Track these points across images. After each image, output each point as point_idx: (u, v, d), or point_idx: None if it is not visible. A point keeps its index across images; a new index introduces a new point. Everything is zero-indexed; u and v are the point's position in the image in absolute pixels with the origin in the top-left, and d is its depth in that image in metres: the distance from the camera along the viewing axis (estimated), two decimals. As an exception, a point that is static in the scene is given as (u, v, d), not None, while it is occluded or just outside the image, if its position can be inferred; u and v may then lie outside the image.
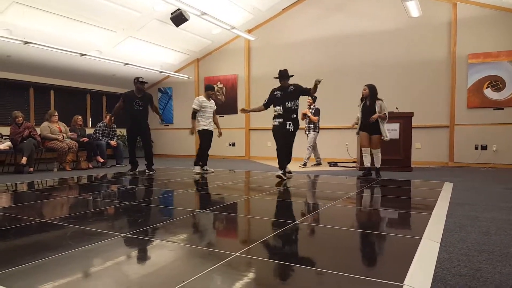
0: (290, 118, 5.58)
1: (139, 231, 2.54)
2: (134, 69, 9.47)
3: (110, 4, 7.04)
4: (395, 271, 1.82)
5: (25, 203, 3.86)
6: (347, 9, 8.86)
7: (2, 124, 7.65)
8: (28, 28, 6.83)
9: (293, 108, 5.62)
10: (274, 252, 2.18)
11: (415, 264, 1.88)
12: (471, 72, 7.71)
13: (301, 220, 2.93)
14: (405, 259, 1.97)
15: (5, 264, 1.90)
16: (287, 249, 2.29)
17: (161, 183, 5.24)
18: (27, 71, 8.54)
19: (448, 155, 7.99)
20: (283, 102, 5.61)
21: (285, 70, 5.79)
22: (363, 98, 5.86)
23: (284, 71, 5.79)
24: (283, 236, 2.50)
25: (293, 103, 5.62)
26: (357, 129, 6.00)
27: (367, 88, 5.77)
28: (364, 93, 5.79)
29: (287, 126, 5.56)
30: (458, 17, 7.80)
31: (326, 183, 5.42)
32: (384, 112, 5.65)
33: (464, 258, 1.98)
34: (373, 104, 5.71)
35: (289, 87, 5.70)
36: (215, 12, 7.86)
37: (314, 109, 7.74)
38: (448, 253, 2.06)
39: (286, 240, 2.45)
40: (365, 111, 5.77)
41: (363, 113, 5.80)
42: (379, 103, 5.68)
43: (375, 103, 5.68)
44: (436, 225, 2.70)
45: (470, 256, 2.02)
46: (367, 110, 5.74)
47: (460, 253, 2.07)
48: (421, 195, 4.43)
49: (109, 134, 8.33)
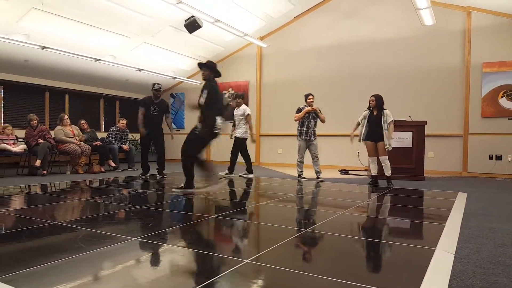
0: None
1: (150, 235, 2.55)
2: (147, 74, 9.57)
3: (125, 10, 7.14)
4: (408, 282, 1.79)
5: (38, 205, 3.91)
6: (359, 17, 8.85)
7: (18, 126, 7.78)
8: (45, 33, 6.97)
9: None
10: (284, 259, 2.16)
11: (429, 276, 1.85)
12: (485, 81, 7.61)
13: (312, 228, 2.91)
14: (419, 270, 1.93)
15: (19, 265, 1.92)
16: (298, 257, 2.28)
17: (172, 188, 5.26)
18: (43, 75, 8.69)
19: (461, 164, 7.87)
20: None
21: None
22: (369, 107, 5.92)
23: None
24: (294, 243, 2.48)
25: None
26: (359, 136, 5.98)
27: (375, 99, 5.83)
28: (372, 104, 5.84)
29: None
30: (473, 26, 7.72)
31: (338, 191, 5.38)
32: (390, 120, 5.70)
33: (480, 271, 1.94)
34: (380, 114, 5.79)
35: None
36: (228, 19, 7.92)
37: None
38: (462, 265, 2.02)
39: (297, 247, 2.43)
40: (372, 121, 5.84)
41: (370, 122, 5.87)
42: (386, 113, 5.77)
43: (382, 113, 5.77)
44: (450, 236, 2.66)
45: (485, 268, 1.98)
46: (374, 119, 5.82)
47: (475, 265, 2.03)
48: (434, 204, 4.36)
49: (121, 138, 8.41)
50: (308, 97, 6.46)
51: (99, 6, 6.81)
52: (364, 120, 5.94)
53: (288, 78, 9.79)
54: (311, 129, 6.40)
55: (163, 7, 7.23)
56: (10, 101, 8.44)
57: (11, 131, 6.94)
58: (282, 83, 9.90)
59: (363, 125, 5.93)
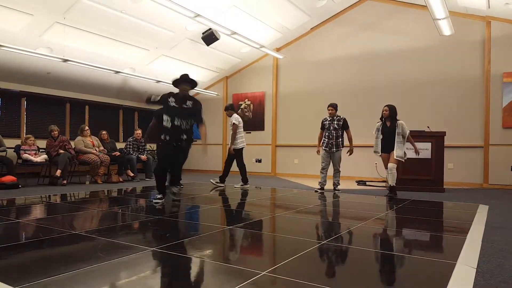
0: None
1: (167, 246, 2.57)
2: (165, 86, 9.71)
3: (145, 24, 7.32)
4: (428, 297, 1.75)
5: (58, 215, 3.99)
6: (376, 28, 8.82)
7: (40, 137, 7.98)
8: (67, 47, 7.18)
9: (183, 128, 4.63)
10: (301, 272, 2.14)
11: (450, 290, 1.80)
12: (506, 91, 7.45)
13: (330, 240, 2.88)
14: (440, 284, 1.89)
15: (40, 274, 1.96)
16: (315, 269, 2.25)
17: (188, 198, 5.29)
18: (65, 87, 8.93)
19: (482, 176, 7.69)
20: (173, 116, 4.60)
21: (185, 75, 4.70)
22: (382, 117, 5.84)
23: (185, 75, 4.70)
24: (311, 256, 2.46)
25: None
26: (374, 148, 5.92)
27: (388, 109, 5.74)
28: (385, 114, 5.76)
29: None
30: (492, 35, 7.60)
31: (355, 202, 5.32)
32: (408, 135, 5.64)
33: (504, 286, 1.88)
34: (393, 125, 5.72)
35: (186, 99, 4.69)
36: (244, 32, 8.02)
37: (343, 120, 6.39)
38: (485, 280, 1.97)
39: (314, 260, 2.40)
40: (386, 133, 5.78)
41: (384, 134, 5.80)
42: (400, 124, 5.67)
43: (396, 124, 5.68)
44: (472, 249, 2.59)
45: (509, 284, 1.92)
46: (388, 131, 5.76)
47: (499, 280, 1.97)
48: (454, 217, 4.26)
49: (139, 148, 8.53)
50: (327, 108, 6.43)
51: (119, 20, 7.00)
52: (377, 132, 5.87)
53: (304, 89, 9.79)
54: (332, 140, 6.34)
55: (182, 20, 7.38)
56: (32, 112, 8.68)
57: (33, 141, 7.12)
58: (298, 94, 9.91)
59: (377, 137, 5.87)
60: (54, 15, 6.39)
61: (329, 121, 6.37)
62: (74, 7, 6.33)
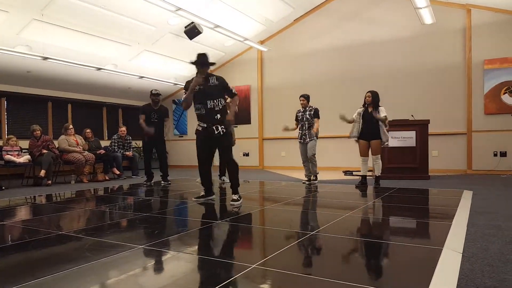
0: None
1: (156, 243, 2.55)
2: (149, 81, 9.61)
3: (126, 19, 7.19)
4: (417, 283, 1.78)
5: (43, 216, 3.92)
6: (359, 18, 8.86)
7: (22, 137, 7.81)
8: (47, 44, 7.02)
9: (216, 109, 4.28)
10: (292, 263, 2.15)
11: (437, 275, 1.83)
12: (487, 78, 7.59)
13: (318, 231, 2.90)
14: (427, 270, 1.92)
15: (26, 276, 1.92)
16: (305, 260, 2.27)
17: (176, 194, 5.26)
18: (46, 85, 8.75)
19: (466, 162, 7.84)
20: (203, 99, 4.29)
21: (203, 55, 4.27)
22: (365, 104, 5.73)
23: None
24: (300, 247, 2.47)
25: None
26: (350, 134, 5.82)
27: (371, 95, 5.61)
28: (368, 100, 5.64)
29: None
30: (473, 23, 7.71)
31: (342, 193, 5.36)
32: (385, 115, 5.52)
33: (488, 269, 1.92)
34: (375, 111, 5.60)
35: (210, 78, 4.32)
36: (228, 25, 7.95)
37: (314, 109, 6.34)
38: (471, 264, 2.01)
39: (303, 251, 2.42)
40: (367, 119, 5.63)
41: (364, 120, 5.66)
42: (381, 109, 5.58)
43: (378, 111, 5.57)
44: (457, 235, 2.64)
45: (494, 266, 1.96)
46: (369, 117, 5.61)
47: (484, 263, 2.01)
48: (440, 203, 4.34)
49: (124, 146, 8.43)
50: (299, 98, 6.37)
51: (98, 15, 6.86)
52: (358, 117, 5.72)
53: (289, 81, 9.80)
54: (305, 130, 6.28)
55: (163, 14, 7.28)
56: (13, 112, 8.50)
57: (15, 142, 6.97)
58: (283, 86, 9.91)
59: (356, 121, 5.72)
60: (31, 11, 6.22)
61: (302, 112, 6.33)
62: (52, 3, 6.18)
